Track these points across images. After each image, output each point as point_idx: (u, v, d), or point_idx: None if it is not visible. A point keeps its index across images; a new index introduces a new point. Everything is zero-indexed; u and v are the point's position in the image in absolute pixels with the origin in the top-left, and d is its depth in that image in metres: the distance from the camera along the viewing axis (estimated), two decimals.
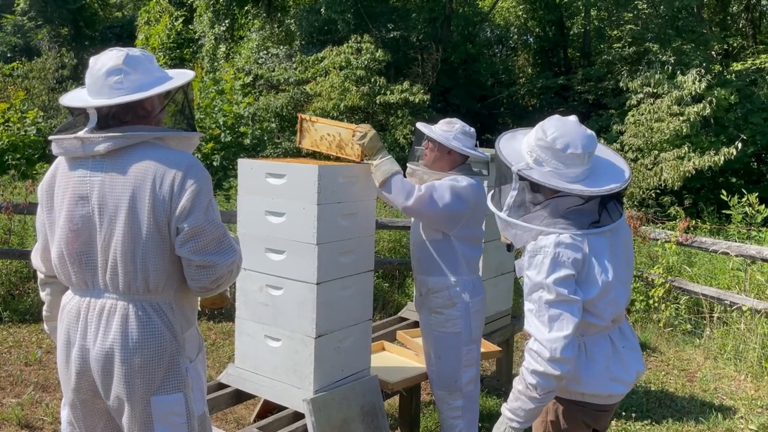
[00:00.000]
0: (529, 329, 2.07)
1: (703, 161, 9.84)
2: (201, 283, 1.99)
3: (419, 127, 3.24)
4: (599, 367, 2.15)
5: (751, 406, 4.47)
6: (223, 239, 1.99)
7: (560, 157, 2.10)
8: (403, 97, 11.76)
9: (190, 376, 2.06)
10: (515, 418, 2.12)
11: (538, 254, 2.07)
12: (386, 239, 7.22)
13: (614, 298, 2.14)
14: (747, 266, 5.70)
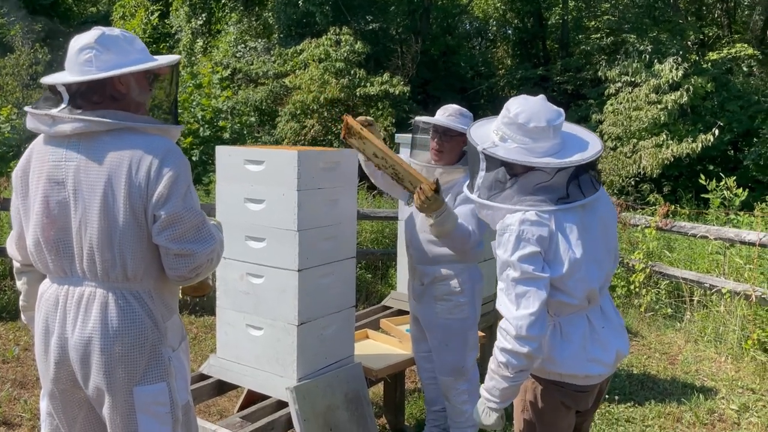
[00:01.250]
0: (499, 308, 2.05)
1: (681, 148, 9.95)
2: (179, 272, 1.94)
3: (436, 122, 3.08)
4: (575, 347, 2.13)
5: (731, 386, 4.52)
6: (201, 227, 1.95)
7: (525, 132, 2.10)
8: (384, 89, 11.73)
9: (173, 365, 2.02)
10: (492, 398, 2.10)
11: (505, 233, 2.06)
12: (368, 230, 7.19)
13: (585, 276, 2.10)
14: (726, 249, 5.77)
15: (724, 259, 5.79)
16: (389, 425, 3.72)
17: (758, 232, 5.14)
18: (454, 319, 3.14)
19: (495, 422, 2.13)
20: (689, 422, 3.98)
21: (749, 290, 5.00)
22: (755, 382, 4.58)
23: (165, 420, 1.98)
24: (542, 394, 2.19)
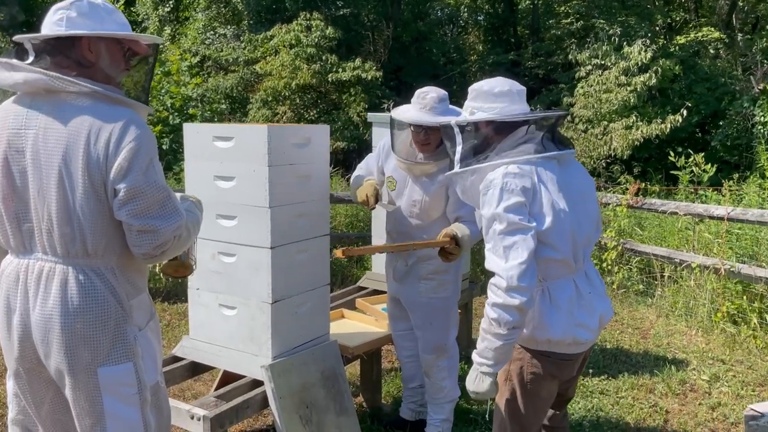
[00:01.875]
0: (489, 266, 2.06)
1: (651, 129, 10.08)
2: (143, 249, 1.87)
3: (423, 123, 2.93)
4: (563, 312, 2.14)
5: (702, 358, 4.61)
6: (166, 202, 1.87)
7: (492, 98, 2.21)
8: (356, 74, 11.64)
9: (139, 345, 1.96)
10: (484, 361, 2.08)
11: (489, 189, 2.09)
12: (343, 214, 7.17)
13: (569, 230, 2.14)
14: (695, 225, 5.86)
15: (693, 235, 5.89)
16: (366, 403, 3.71)
17: (726, 206, 5.23)
18: (438, 298, 3.14)
19: (488, 388, 2.10)
20: (662, 393, 4.04)
21: (718, 264, 5.09)
22: (725, 353, 4.68)
23: (132, 401, 1.93)
24: (529, 364, 2.20)
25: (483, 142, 2.20)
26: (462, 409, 3.60)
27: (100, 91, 1.86)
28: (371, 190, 3.11)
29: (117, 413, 1.91)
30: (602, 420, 3.62)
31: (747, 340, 4.78)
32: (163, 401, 2.09)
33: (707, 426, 3.61)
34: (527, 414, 2.26)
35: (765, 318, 4.85)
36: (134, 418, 1.94)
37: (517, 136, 2.17)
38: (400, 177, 3.11)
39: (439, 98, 2.95)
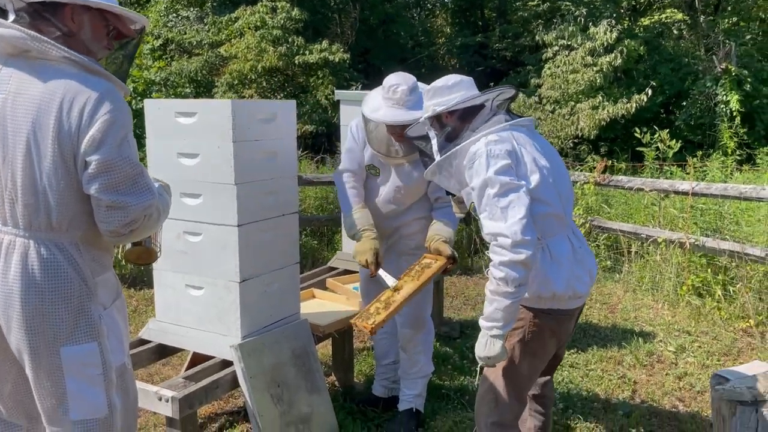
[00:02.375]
0: (488, 230, 2.12)
1: (617, 109, 10.20)
2: (112, 226, 1.80)
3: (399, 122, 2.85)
4: (565, 268, 2.23)
5: (668, 330, 4.69)
6: (138, 178, 1.80)
7: (448, 91, 2.37)
8: (323, 56, 11.52)
9: (104, 324, 1.89)
10: (494, 324, 2.11)
11: (474, 161, 2.19)
12: (312, 196, 7.10)
13: (555, 185, 2.26)
14: (660, 201, 5.95)
15: (659, 211, 5.98)
16: (338, 382, 3.69)
17: (691, 182, 5.31)
18: None
19: (499, 351, 2.12)
20: (630, 364, 4.11)
21: (683, 238, 5.18)
22: (690, 325, 4.77)
23: (96, 382, 1.86)
24: (531, 323, 2.27)
25: (453, 130, 2.35)
26: (434, 385, 3.61)
27: (80, 59, 1.77)
28: (371, 256, 2.93)
29: (80, 394, 1.85)
30: (572, 392, 3.66)
31: (711, 311, 4.88)
32: (129, 383, 2.02)
33: (674, 395, 3.68)
34: (525, 375, 2.32)
35: (729, 290, 4.96)
36: (99, 400, 1.88)
37: (483, 115, 2.32)
38: (381, 164, 3.08)
39: (410, 90, 2.88)
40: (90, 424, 1.87)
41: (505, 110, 2.34)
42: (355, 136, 3.13)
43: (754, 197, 4.62)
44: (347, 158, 3.14)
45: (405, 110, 2.85)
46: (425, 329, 3.22)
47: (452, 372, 3.91)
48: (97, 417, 1.87)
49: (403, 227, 3.18)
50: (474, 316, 5.11)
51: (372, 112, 2.93)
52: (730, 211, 5.69)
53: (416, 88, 2.91)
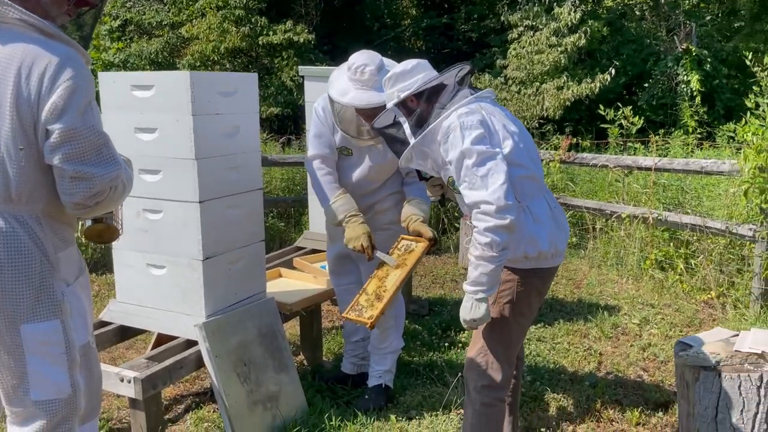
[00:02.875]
0: (470, 200, 2.17)
1: (581, 89, 10.29)
2: (76, 198, 1.71)
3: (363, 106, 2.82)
4: (546, 226, 2.32)
5: (633, 303, 4.77)
6: (103, 148, 1.72)
7: (409, 75, 2.40)
8: (287, 37, 11.31)
9: (67, 301, 1.81)
10: (479, 288, 2.19)
11: (449, 135, 2.24)
12: (278, 178, 7.01)
13: (526, 148, 2.34)
14: (624, 177, 6.03)
15: (623, 187, 6.06)
16: (307, 361, 3.66)
17: (653, 157, 5.39)
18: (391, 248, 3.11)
19: (484, 313, 2.22)
20: (595, 337, 4.16)
21: (647, 213, 5.26)
22: (654, 298, 4.86)
23: (59, 361, 1.80)
24: (518, 284, 2.35)
25: (422, 112, 2.39)
26: (404, 361, 3.60)
27: (38, 22, 1.68)
28: (366, 240, 2.89)
29: (42, 373, 1.78)
30: (540, 365, 3.69)
31: (674, 284, 4.97)
32: (93, 363, 1.96)
33: (638, 365, 3.74)
34: (515, 335, 2.41)
35: (690, 263, 5.05)
36: (61, 380, 1.81)
37: (448, 92, 2.37)
38: (352, 144, 3.02)
39: (377, 69, 2.82)
40: (52, 405, 1.81)
41: (467, 85, 2.38)
42: (321, 119, 3.04)
43: (715, 171, 4.70)
44: (317, 143, 3.05)
45: (375, 92, 2.79)
46: (396, 303, 3.21)
47: (421, 348, 3.91)
48: (60, 397, 1.81)
49: (377, 203, 3.15)
50: (443, 294, 5.12)
51: (340, 96, 2.86)
52: (692, 186, 5.80)
53: (383, 67, 2.85)
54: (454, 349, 3.88)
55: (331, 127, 3.03)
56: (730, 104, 12.78)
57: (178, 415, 3.17)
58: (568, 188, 6.85)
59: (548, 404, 3.23)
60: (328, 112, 3.01)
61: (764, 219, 4.26)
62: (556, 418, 3.11)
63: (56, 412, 1.81)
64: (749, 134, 4.56)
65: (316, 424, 2.94)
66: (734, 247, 4.85)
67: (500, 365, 2.37)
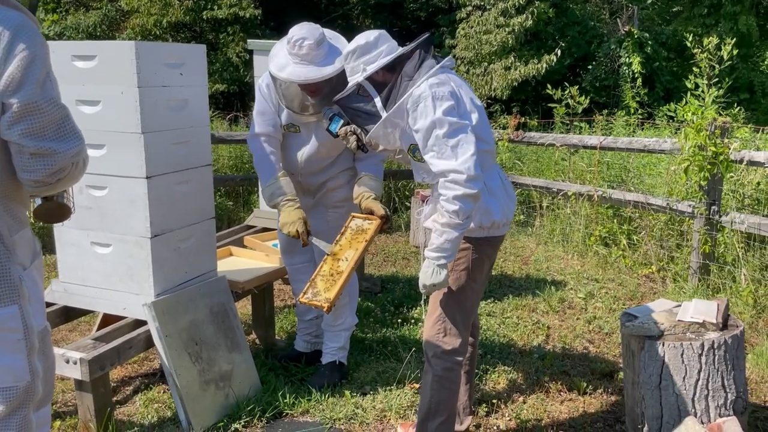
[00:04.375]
0: (438, 168, 2.21)
1: (528, 69, 10.43)
2: (37, 175, 1.61)
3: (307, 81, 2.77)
4: (498, 198, 2.40)
5: (578, 278, 4.91)
6: (64, 122, 1.62)
7: (373, 47, 2.38)
8: (233, 12, 11.04)
9: (25, 286, 1.71)
10: (442, 254, 2.24)
11: (419, 102, 2.24)
12: (226, 155, 6.87)
13: (486, 123, 2.40)
14: (570, 156, 6.16)
15: (569, 165, 6.20)
16: (259, 340, 3.62)
17: (599, 136, 5.52)
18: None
19: (443, 279, 2.27)
20: (543, 311, 4.27)
21: (592, 191, 5.40)
22: (598, 273, 5.01)
23: (18, 348, 1.71)
24: (472, 252, 2.42)
25: (389, 83, 2.36)
26: (357, 338, 3.61)
27: None
28: (300, 225, 2.84)
29: (0, 361, 1.70)
30: (491, 338, 3.76)
31: (617, 260, 5.14)
32: (49, 346, 1.88)
33: (584, 337, 3.86)
34: (469, 300, 2.47)
35: (633, 239, 5.22)
36: (20, 366, 1.72)
37: (413, 63, 2.34)
38: (299, 121, 2.96)
39: (317, 43, 2.75)
40: (10, 392, 1.72)
41: (431, 54, 2.37)
42: (265, 96, 2.97)
43: (657, 149, 4.85)
44: (260, 121, 2.99)
45: (315, 67, 2.75)
46: (350, 282, 3.20)
47: (374, 325, 3.92)
48: (18, 385, 1.73)
49: (329, 181, 3.12)
50: (395, 272, 5.15)
51: (279, 70, 2.80)
52: (634, 165, 5.98)
53: (323, 40, 2.79)
54: (407, 325, 3.91)
55: (275, 104, 2.97)
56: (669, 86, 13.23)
57: (126, 397, 3.09)
58: (516, 167, 6.97)
59: (499, 376, 3.30)
60: (272, 88, 2.94)
61: (702, 196, 4.43)
62: (507, 390, 3.18)
63: (14, 399, 1.73)
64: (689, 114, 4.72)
65: (270, 402, 2.92)
66: (674, 223, 5.04)
67: (458, 330, 2.44)
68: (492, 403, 3.02)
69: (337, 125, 2.73)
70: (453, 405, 2.48)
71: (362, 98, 2.42)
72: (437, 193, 2.29)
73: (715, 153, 4.27)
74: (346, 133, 2.71)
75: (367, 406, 2.95)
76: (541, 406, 3.02)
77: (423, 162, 2.34)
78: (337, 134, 2.74)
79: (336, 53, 2.80)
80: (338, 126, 2.73)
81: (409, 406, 2.95)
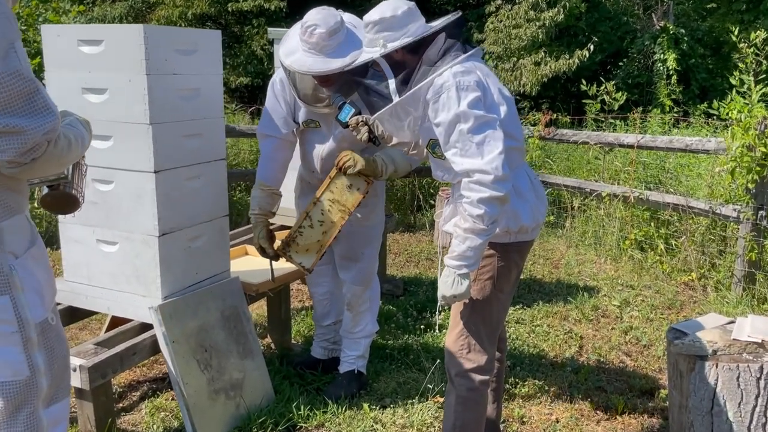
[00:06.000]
0: (462, 168, 2.00)
1: (559, 65, 10.12)
2: (8, 155, 1.45)
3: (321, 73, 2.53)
4: (527, 200, 2.18)
5: (612, 284, 4.64)
6: (34, 96, 1.46)
7: (404, 20, 2.13)
8: (258, 4, 10.90)
9: (17, 276, 1.57)
10: (463, 263, 2.04)
11: (441, 94, 2.02)
12: (247, 149, 6.71)
13: (515, 117, 2.17)
14: (605, 155, 5.88)
15: (603, 164, 5.91)
16: (274, 344, 3.44)
17: (636, 134, 5.23)
18: (370, 226, 2.94)
19: (466, 290, 2.07)
20: (575, 319, 4.02)
21: (627, 192, 5.12)
22: (633, 279, 4.74)
23: (12, 340, 1.58)
24: (497, 259, 2.20)
25: (408, 65, 2.14)
26: (377, 345, 3.41)
27: None
28: (264, 235, 2.76)
29: None
30: (520, 348, 3.53)
31: (654, 265, 4.86)
32: (54, 341, 1.72)
33: (621, 349, 3.61)
34: (495, 312, 2.24)
35: (671, 243, 4.94)
36: (16, 360, 1.60)
37: (437, 46, 2.11)
38: (320, 116, 2.76)
39: (328, 33, 2.50)
40: (9, 387, 1.60)
41: (460, 39, 2.12)
42: (278, 93, 2.75)
43: (700, 149, 4.56)
44: (268, 120, 2.79)
45: (323, 58, 2.51)
46: (372, 284, 3.01)
47: (396, 331, 3.71)
48: (17, 379, 1.60)
49: None
50: (418, 273, 4.93)
51: (285, 56, 2.57)
52: (672, 165, 5.68)
53: (338, 30, 2.53)
54: (430, 331, 3.70)
55: (289, 102, 2.76)
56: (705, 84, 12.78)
57: (132, 404, 2.92)
58: (545, 165, 6.70)
59: (529, 391, 3.07)
60: (285, 83, 2.73)
61: (750, 199, 4.14)
62: (537, 407, 2.95)
63: (15, 394, 1.61)
64: (734, 112, 4.43)
65: (283, 413, 2.73)
66: (715, 228, 4.74)
67: (483, 347, 2.21)
68: (522, 421, 2.80)
69: (347, 114, 2.50)
70: (479, 429, 2.26)
71: (376, 74, 2.19)
72: (458, 194, 2.08)
73: (764, 154, 3.99)
74: (357, 123, 2.47)
75: (387, 421, 2.75)
76: (576, 427, 2.79)
77: (443, 159, 2.12)
78: (347, 124, 2.51)
79: (353, 45, 2.55)
80: (348, 115, 2.50)
81: (431, 423, 2.74)
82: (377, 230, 2.99)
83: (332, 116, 2.71)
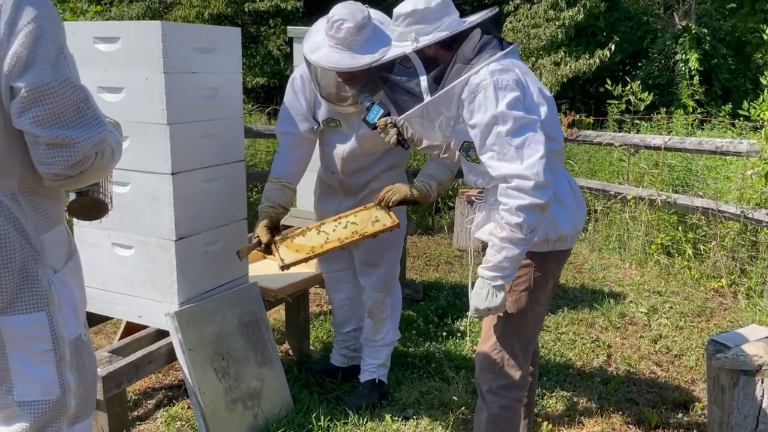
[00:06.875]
0: (500, 173, 1.89)
1: (579, 65, 9.97)
2: (55, 168, 1.39)
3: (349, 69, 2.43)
4: (567, 206, 2.08)
5: (639, 291, 4.51)
6: (83, 106, 1.40)
7: (439, 13, 2.02)
8: (274, 4, 10.85)
9: (55, 291, 1.50)
10: (499, 274, 1.93)
11: (477, 94, 1.91)
12: (264, 150, 6.64)
13: (556, 118, 2.05)
14: (630, 156, 5.73)
15: (628, 166, 5.77)
16: (293, 351, 3.34)
17: (663, 136, 5.09)
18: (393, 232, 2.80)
19: (501, 302, 1.96)
20: (602, 327, 3.89)
21: (654, 195, 4.98)
22: (660, 285, 4.60)
23: (46, 359, 1.51)
24: (534, 269, 2.10)
25: (441, 62, 2.02)
26: (398, 352, 3.30)
27: None
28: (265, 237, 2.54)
29: (26, 372, 1.50)
30: (546, 357, 3.41)
31: (681, 271, 4.72)
32: (86, 357, 1.65)
33: (651, 359, 3.48)
34: (531, 326, 2.15)
35: (699, 248, 4.79)
36: (48, 379, 1.53)
37: (472, 42, 1.99)
38: (341, 115, 2.66)
39: (356, 28, 2.39)
40: (38, 406, 1.53)
41: (497, 36, 2.01)
42: (297, 89, 2.66)
43: (732, 151, 4.41)
44: (286, 116, 2.69)
45: (350, 53, 2.40)
46: (393, 291, 2.91)
47: (417, 338, 3.61)
48: (47, 398, 1.53)
49: (373, 181, 2.78)
50: (438, 278, 4.82)
51: (311, 51, 2.48)
52: (699, 168, 5.53)
53: (366, 25, 2.43)
54: (452, 338, 3.59)
55: (310, 99, 2.66)
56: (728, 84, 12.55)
57: (147, 412, 2.84)
58: (567, 166, 6.55)
59: (557, 402, 2.96)
60: (306, 79, 2.64)
61: None
62: (566, 420, 2.83)
63: (42, 413, 1.54)
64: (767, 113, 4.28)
65: (302, 424, 2.64)
66: (746, 233, 4.59)
67: (517, 362, 2.10)
68: None
69: (375, 115, 2.38)
70: None
71: (406, 70, 2.06)
72: (493, 199, 1.97)
73: None
74: (385, 125, 2.35)
75: None
76: None
77: (478, 163, 2.01)
78: (375, 126, 2.40)
79: (381, 41, 2.44)
80: (377, 116, 2.38)
81: None
82: (398, 234, 2.88)
83: (354, 115, 2.62)
